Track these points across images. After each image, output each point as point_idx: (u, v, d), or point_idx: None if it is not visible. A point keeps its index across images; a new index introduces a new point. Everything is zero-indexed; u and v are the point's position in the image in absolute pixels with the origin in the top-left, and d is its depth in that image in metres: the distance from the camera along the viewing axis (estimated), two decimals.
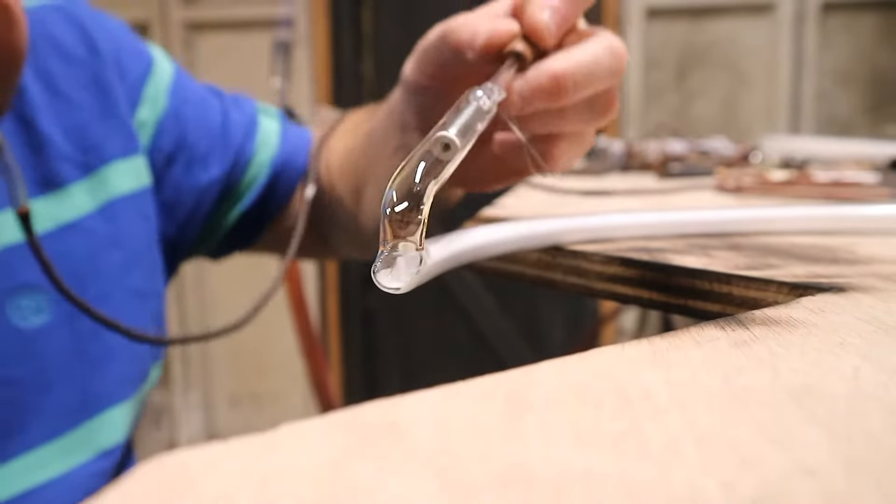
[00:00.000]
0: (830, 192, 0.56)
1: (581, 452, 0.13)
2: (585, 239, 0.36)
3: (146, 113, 0.49)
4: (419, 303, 2.14)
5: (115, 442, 0.45)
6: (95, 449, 0.44)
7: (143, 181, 0.48)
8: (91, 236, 0.45)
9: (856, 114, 1.95)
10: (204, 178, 0.51)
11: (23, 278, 0.41)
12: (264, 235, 0.56)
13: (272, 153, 0.54)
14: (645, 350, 0.18)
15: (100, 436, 0.44)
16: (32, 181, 0.43)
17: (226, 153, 0.52)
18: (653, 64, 1.99)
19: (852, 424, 0.13)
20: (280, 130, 0.55)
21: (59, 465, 0.42)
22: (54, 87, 0.45)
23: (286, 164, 0.54)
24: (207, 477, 0.12)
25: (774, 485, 0.11)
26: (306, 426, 0.14)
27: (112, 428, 0.45)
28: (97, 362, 0.43)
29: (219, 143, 0.52)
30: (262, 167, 0.53)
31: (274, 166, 0.54)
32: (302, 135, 0.56)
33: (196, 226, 0.52)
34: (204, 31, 2.15)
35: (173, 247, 0.52)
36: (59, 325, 0.42)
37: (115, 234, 0.46)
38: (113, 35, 0.49)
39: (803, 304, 0.23)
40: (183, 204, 0.51)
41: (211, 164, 0.51)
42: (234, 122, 0.53)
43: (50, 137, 0.44)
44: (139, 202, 0.47)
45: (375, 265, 0.24)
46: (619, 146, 0.93)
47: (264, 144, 0.54)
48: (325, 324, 2.15)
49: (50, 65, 0.45)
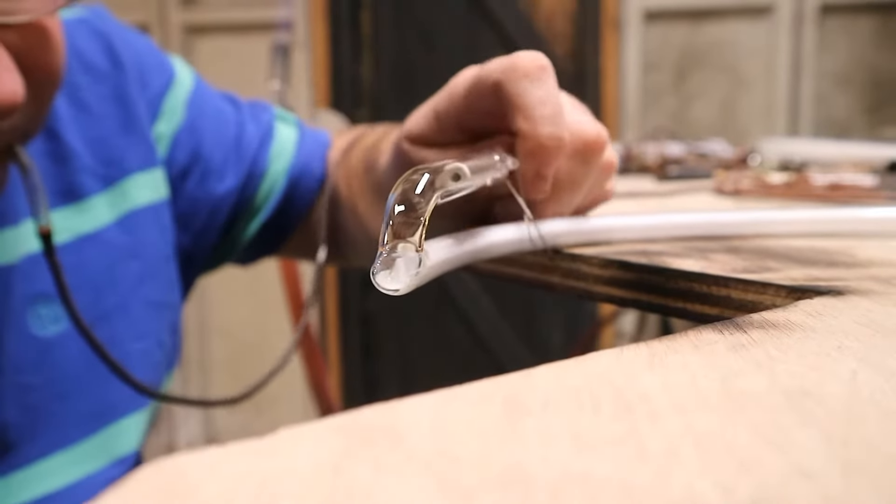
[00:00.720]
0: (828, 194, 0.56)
1: (579, 456, 0.13)
2: (584, 241, 0.36)
3: (164, 126, 0.49)
4: (418, 305, 2.14)
5: (129, 450, 0.46)
6: (110, 457, 0.44)
7: (162, 193, 0.48)
8: (110, 247, 0.45)
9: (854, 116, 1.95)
10: (219, 189, 0.51)
11: (42, 287, 0.42)
12: (290, 241, 0.56)
13: (288, 162, 0.54)
14: (643, 353, 0.18)
15: (114, 444, 0.45)
16: (55, 192, 0.43)
17: (240, 165, 0.52)
18: (651, 66, 1.99)
19: (850, 428, 0.13)
20: (297, 138, 0.55)
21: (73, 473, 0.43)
22: (78, 100, 0.45)
23: (303, 173, 0.54)
24: (206, 481, 0.12)
25: (772, 488, 0.11)
26: (305, 429, 0.14)
27: (126, 436, 0.45)
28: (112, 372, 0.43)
29: (233, 155, 0.52)
30: (279, 177, 0.53)
31: (291, 175, 0.54)
32: (319, 141, 0.56)
33: (212, 237, 0.53)
34: (203, 34, 2.15)
35: (189, 258, 0.52)
36: (75, 334, 0.43)
37: (134, 245, 0.46)
38: (136, 49, 0.49)
39: (801, 307, 0.23)
40: (198, 216, 0.51)
41: (226, 176, 0.52)
42: (250, 133, 0.53)
43: (73, 149, 0.44)
44: (157, 214, 0.48)
45: (374, 267, 0.24)
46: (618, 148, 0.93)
47: (280, 154, 0.54)
48: (323, 327, 2.15)
49: (75, 78, 0.45)
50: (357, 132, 0.53)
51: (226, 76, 2.07)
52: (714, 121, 1.99)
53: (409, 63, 2.09)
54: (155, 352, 0.48)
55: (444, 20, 2.09)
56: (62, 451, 0.42)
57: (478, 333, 2.14)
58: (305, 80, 2.06)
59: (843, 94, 1.95)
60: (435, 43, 2.09)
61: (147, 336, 0.47)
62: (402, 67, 2.10)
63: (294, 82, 1.56)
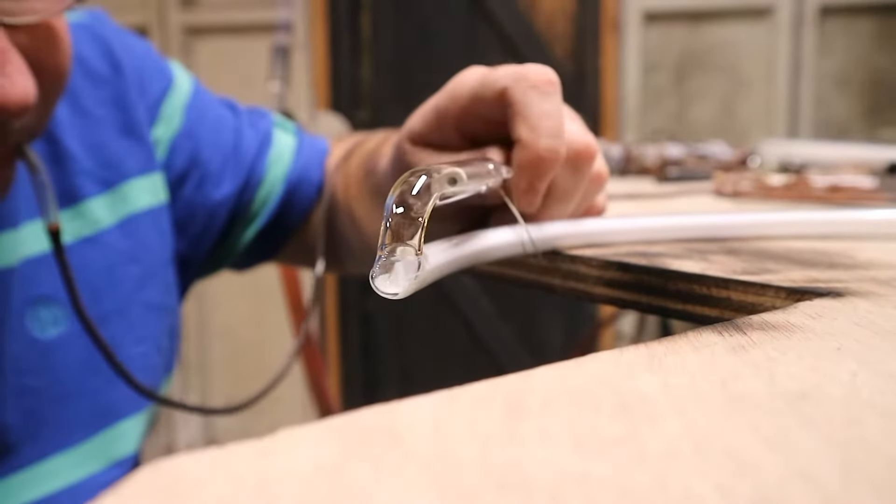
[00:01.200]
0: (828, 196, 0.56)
1: (578, 457, 0.13)
2: (583, 243, 0.36)
3: (161, 131, 0.50)
4: (418, 307, 2.14)
5: (128, 452, 0.46)
6: (109, 459, 0.44)
7: (161, 198, 0.48)
8: (110, 250, 0.45)
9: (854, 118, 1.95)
10: (215, 195, 0.51)
11: (42, 290, 0.42)
12: (287, 248, 0.56)
13: (286, 169, 0.54)
14: (642, 355, 0.18)
15: (114, 446, 0.45)
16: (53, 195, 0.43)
17: (238, 171, 0.52)
18: (651, 68, 1.99)
19: (849, 430, 0.13)
20: (295, 145, 0.55)
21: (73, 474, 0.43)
22: (78, 104, 0.45)
23: (301, 180, 0.54)
24: (205, 482, 0.12)
25: (771, 490, 0.11)
26: (304, 431, 0.14)
27: (126, 439, 0.46)
28: (112, 374, 0.43)
29: (231, 161, 0.52)
30: (276, 185, 0.53)
31: (288, 183, 0.54)
32: (317, 148, 0.56)
33: (208, 243, 0.53)
34: (202, 36, 2.15)
35: (185, 263, 0.52)
36: (74, 336, 0.43)
37: (134, 248, 0.46)
38: (136, 53, 0.49)
39: (801, 308, 0.23)
40: (194, 221, 0.51)
41: (223, 182, 0.52)
42: (248, 140, 0.53)
43: (72, 152, 0.44)
44: (157, 218, 0.48)
45: (374, 270, 0.24)
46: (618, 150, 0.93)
47: (277, 161, 0.54)
48: (323, 327, 2.15)
49: (74, 82, 0.45)
50: (356, 139, 0.53)
51: (225, 78, 2.07)
52: (714, 122, 1.99)
53: (409, 64, 2.09)
54: (153, 355, 0.48)
55: (444, 21, 2.09)
56: (62, 452, 0.42)
57: (477, 334, 2.14)
58: (305, 81, 2.06)
59: (842, 95, 1.95)
60: (435, 44, 2.10)
61: (146, 339, 0.47)
62: (401, 69, 2.10)
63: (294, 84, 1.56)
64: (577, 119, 0.36)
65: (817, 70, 1.94)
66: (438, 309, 2.14)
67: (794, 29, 1.93)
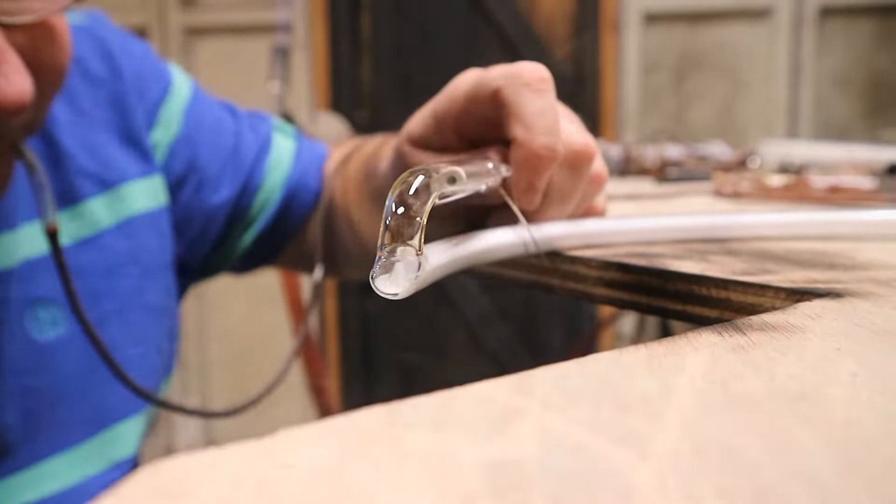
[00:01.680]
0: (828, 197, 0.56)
1: (578, 457, 0.13)
2: (583, 244, 0.36)
3: (160, 135, 0.49)
4: (417, 307, 2.14)
5: (126, 454, 0.46)
6: (108, 461, 0.44)
7: (161, 200, 0.48)
8: (109, 252, 0.45)
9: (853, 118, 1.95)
10: (214, 199, 0.51)
11: (40, 291, 0.42)
12: (285, 253, 0.56)
13: (285, 174, 0.54)
14: (642, 355, 0.18)
15: (112, 448, 0.45)
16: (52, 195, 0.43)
17: (236, 176, 0.52)
18: (651, 68, 1.99)
19: (849, 430, 0.13)
20: (294, 150, 0.55)
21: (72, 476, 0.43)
22: (76, 105, 0.45)
23: (300, 185, 0.54)
24: (204, 482, 0.12)
25: (771, 490, 0.11)
26: (304, 431, 0.14)
27: (124, 440, 0.45)
28: (111, 376, 0.43)
29: (230, 165, 0.52)
30: (275, 190, 0.53)
31: (287, 187, 0.53)
32: (316, 153, 0.56)
33: (205, 247, 0.53)
34: (202, 36, 2.15)
35: (183, 267, 0.52)
36: (73, 338, 0.43)
37: (133, 250, 0.46)
38: (135, 56, 0.49)
39: (801, 309, 0.23)
40: (192, 225, 0.51)
41: (221, 187, 0.52)
42: (247, 144, 0.53)
43: (70, 152, 0.44)
44: (156, 220, 0.48)
45: (374, 271, 0.24)
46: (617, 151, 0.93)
47: (276, 166, 0.54)
48: (323, 328, 2.15)
49: (72, 82, 0.45)
50: (355, 143, 0.53)
51: (225, 78, 2.07)
52: (713, 123, 1.99)
53: (409, 65, 2.10)
54: (153, 357, 0.48)
55: (445, 22, 2.09)
56: (61, 454, 0.42)
57: (477, 334, 2.14)
58: (305, 81, 2.07)
59: (842, 96, 1.95)
60: (435, 45, 2.10)
61: (145, 341, 0.47)
62: (401, 69, 2.10)
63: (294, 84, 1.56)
64: (575, 120, 0.36)
65: (817, 70, 1.94)
66: (438, 309, 2.14)
67: (793, 29, 1.93)
